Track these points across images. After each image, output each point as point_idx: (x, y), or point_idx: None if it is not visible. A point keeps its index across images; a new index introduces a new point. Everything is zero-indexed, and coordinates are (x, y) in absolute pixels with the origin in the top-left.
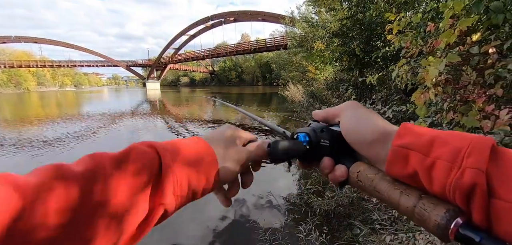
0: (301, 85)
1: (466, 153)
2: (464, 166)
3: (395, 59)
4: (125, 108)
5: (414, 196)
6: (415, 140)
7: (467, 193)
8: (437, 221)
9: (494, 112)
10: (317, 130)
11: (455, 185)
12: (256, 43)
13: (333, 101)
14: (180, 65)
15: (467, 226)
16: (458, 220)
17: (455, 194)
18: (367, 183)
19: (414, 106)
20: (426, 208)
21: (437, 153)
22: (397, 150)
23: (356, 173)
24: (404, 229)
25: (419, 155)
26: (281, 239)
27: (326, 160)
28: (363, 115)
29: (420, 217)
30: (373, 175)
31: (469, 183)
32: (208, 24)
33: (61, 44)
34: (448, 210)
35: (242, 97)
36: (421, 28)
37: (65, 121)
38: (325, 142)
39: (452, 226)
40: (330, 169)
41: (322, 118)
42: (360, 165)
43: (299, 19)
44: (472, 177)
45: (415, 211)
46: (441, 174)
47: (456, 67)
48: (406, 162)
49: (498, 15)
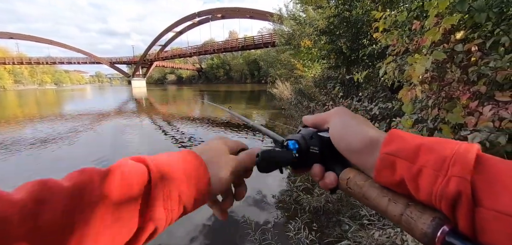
0: (289, 83)
1: (451, 161)
2: (450, 174)
3: (381, 57)
4: (109, 107)
5: (401, 204)
6: (401, 147)
7: (453, 201)
8: (423, 229)
9: (477, 109)
10: (307, 137)
11: (441, 194)
12: (244, 40)
13: (321, 99)
14: (166, 62)
15: (453, 234)
16: (444, 228)
17: (441, 202)
18: (357, 190)
19: (400, 103)
20: (413, 216)
21: (423, 160)
22: (384, 158)
23: (345, 180)
24: (392, 224)
25: (405, 163)
26: (271, 238)
27: (316, 168)
28: (351, 122)
29: (407, 225)
30: (362, 182)
31: (454, 192)
32: (195, 20)
33: (40, 39)
34: (434, 219)
35: (230, 95)
36: (406, 26)
37: (45, 122)
38: (314, 149)
39: (438, 234)
40: (320, 176)
41: (312, 123)
42: (350, 172)
43: (287, 16)
44: (457, 185)
45: (402, 219)
46: (427, 182)
47: (441, 65)
48: (394, 170)
49: (481, 13)
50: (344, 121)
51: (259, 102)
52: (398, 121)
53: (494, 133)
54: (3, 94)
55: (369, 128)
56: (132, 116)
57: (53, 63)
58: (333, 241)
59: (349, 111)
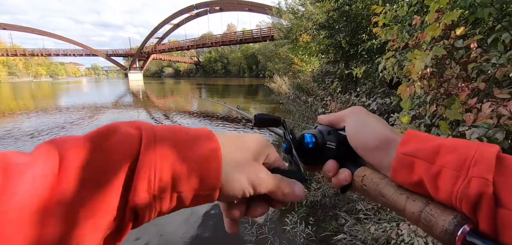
0: (287, 77)
1: (472, 162)
2: (471, 175)
3: (380, 52)
4: (106, 100)
5: (421, 202)
6: (420, 147)
7: (474, 202)
8: (444, 227)
9: (476, 106)
10: (324, 132)
11: (462, 194)
12: (243, 34)
13: (319, 93)
14: (164, 55)
15: (475, 234)
16: (465, 227)
17: (462, 203)
18: (372, 188)
19: (398, 99)
20: (433, 214)
21: (442, 161)
22: (402, 158)
23: (361, 177)
24: (387, 218)
25: (424, 163)
26: (268, 232)
27: (331, 163)
28: (368, 121)
29: (426, 222)
30: (379, 180)
31: (475, 193)
32: (192, 13)
33: (34, 31)
34: (456, 217)
35: (228, 89)
36: (406, 21)
37: (40, 115)
38: (331, 145)
39: (459, 233)
40: (334, 172)
41: (327, 122)
42: (366, 170)
43: (285, 10)
44: (479, 186)
45: (422, 216)
46: (447, 182)
47: (440, 61)
48: (411, 170)
49: (484, 9)
50: (361, 119)
51: (257, 96)
52: (396, 116)
53: (492, 129)
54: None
55: (386, 127)
56: (129, 109)
57: (48, 55)
58: (330, 235)
59: (366, 110)
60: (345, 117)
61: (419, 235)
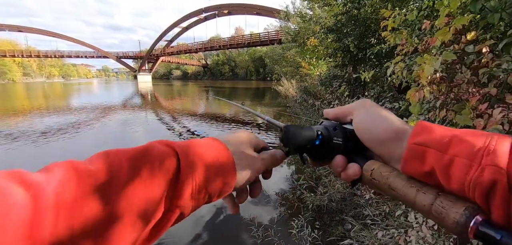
0: (295, 81)
1: (485, 151)
2: (484, 164)
3: (389, 56)
4: (116, 100)
5: (432, 194)
6: (432, 137)
7: (487, 191)
8: (456, 218)
9: (487, 111)
10: (330, 128)
11: (475, 183)
12: (250, 37)
13: (327, 97)
14: (172, 57)
15: (487, 224)
16: (477, 218)
17: (474, 192)
18: (382, 181)
19: (407, 104)
20: (444, 205)
21: (455, 150)
22: (413, 148)
23: (370, 171)
24: (395, 224)
25: (436, 153)
26: (274, 235)
27: (339, 158)
28: (377, 113)
29: (437, 214)
30: (388, 173)
31: (489, 181)
32: (201, 16)
33: (47, 33)
34: (468, 208)
35: (235, 92)
36: (416, 26)
37: (53, 114)
38: (337, 140)
39: (471, 224)
40: (343, 167)
41: (334, 116)
42: (374, 163)
43: (293, 14)
44: (492, 174)
45: (433, 208)
46: (460, 171)
47: (450, 66)
48: (423, 160)
49: (494, 14)
50: (369, 112)
51: (264, 99)
52: (405, 121)
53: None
54: (12, 87)
55: (396, 118)
56: (138, 110)
57: (61, 56)
58: (336, 239)
59: (373, 103)
60: (352, 110)
61: (428, 242)
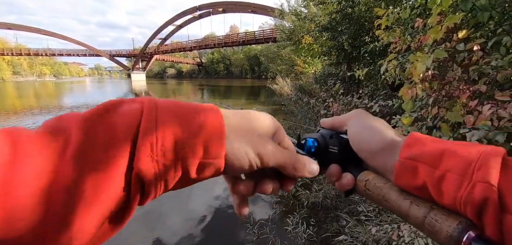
0: (290, 79)
1: (476, 166)
2: (475, 180)
3: (383, 54)
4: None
5: (425, 207)
6: (423, 151)
7: (479, 207)
8: (449, 232)
9: (477, 108)
10: (326, 136)
11: (466, 199)
12: (245, 35)
13: (321, 95)
14: (166, 56)
15: (480, 240)
16: (470, 233)
17: (466, 208)
18: (376, 192)
19: (400, 101)
20: (438, 219)
21: (446, 165)
22: (405, 162)
23: (364, 182)
24: (388, 220)
25: (428, 168)
26: (269, 232)
27: (333, 167)
28: (370, 124)
29: (431, 228)
30: (382, 185)
31: (480, 198)
32: (195, 14)
33: (38, 31)
34: (461, 223)
35: (230, 90)
36: (409, 24)
37: (45, 113)
38: (333, 149)
39: (464, 239)
40: (337, 176)
41: (330, 125)
42: (369, 174)
43: (288, 12)
44: (484, 191)
45: (426, 221)
46: (451, 187)
47: (442, 63)
48: (415, 174)
49: (484, 12)
50: (363, 123)
51: (259, 97)
52: (398, 118)
53: (492, 131)
54: (2, 86)
55: (389, 130)
56: None
57: (52, 55)
58: (331, 236)
59: (368, 113)
60: (347, 120)
61: (420, 236)
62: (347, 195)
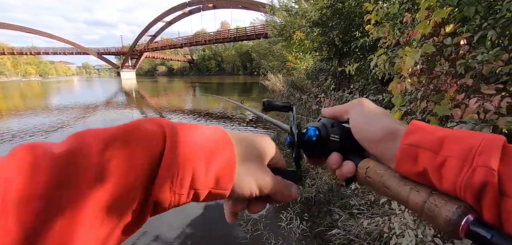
0: (282, 75)
1: (477, 151)
2: (475, 165)
3: (373, 49)
4: (98, 99)
5: (424, 192)
6: (424, 138)
7: (478, 191)
8: (448, 216)
9: (464, 101)
10: (327, 125)
11: (466, 184)
12: (236, 31)
13: (313, 91)
14: (156, 53)
15: (478, 223)
16: (469, 216)
17: (466, 192)
18: (376, 180)
19: (390, 95)
20: (437, 204)
21: (447, 151)
22: (406, 148)
23: (364, 169)
24: (380, 212)
25: (429, 153)
26: (263, 229)
27: (334, 155)
28: (372, 112)
29: (430, 213)
30: (383, 172)
31: (480, 182)
32: (185, 10)
33: (22, 28)
34: (460, 207)
35: (223, 87)
36: (398, 19)
37: (30, 115)
38: (334, 137)
39: (462, 222)
40: (338, 164)
41: (331, 115)
42: (369, 162)
43: (279, 7)
44: (483, 175)
45: (425, 207)
46: (452, 172)
47: (430, 58)
48: (416, 160)
49: (469, 7)
50: (365, 111)
51: (251, 93)
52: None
53: (478, 124)
54: None
55: (390, 118)
56: (123, 108)
57: (37, 53)
58: (324, 230)
59: (370, 102)
60: (349, 109)
61: (410, 228)
62: (347, 183)
